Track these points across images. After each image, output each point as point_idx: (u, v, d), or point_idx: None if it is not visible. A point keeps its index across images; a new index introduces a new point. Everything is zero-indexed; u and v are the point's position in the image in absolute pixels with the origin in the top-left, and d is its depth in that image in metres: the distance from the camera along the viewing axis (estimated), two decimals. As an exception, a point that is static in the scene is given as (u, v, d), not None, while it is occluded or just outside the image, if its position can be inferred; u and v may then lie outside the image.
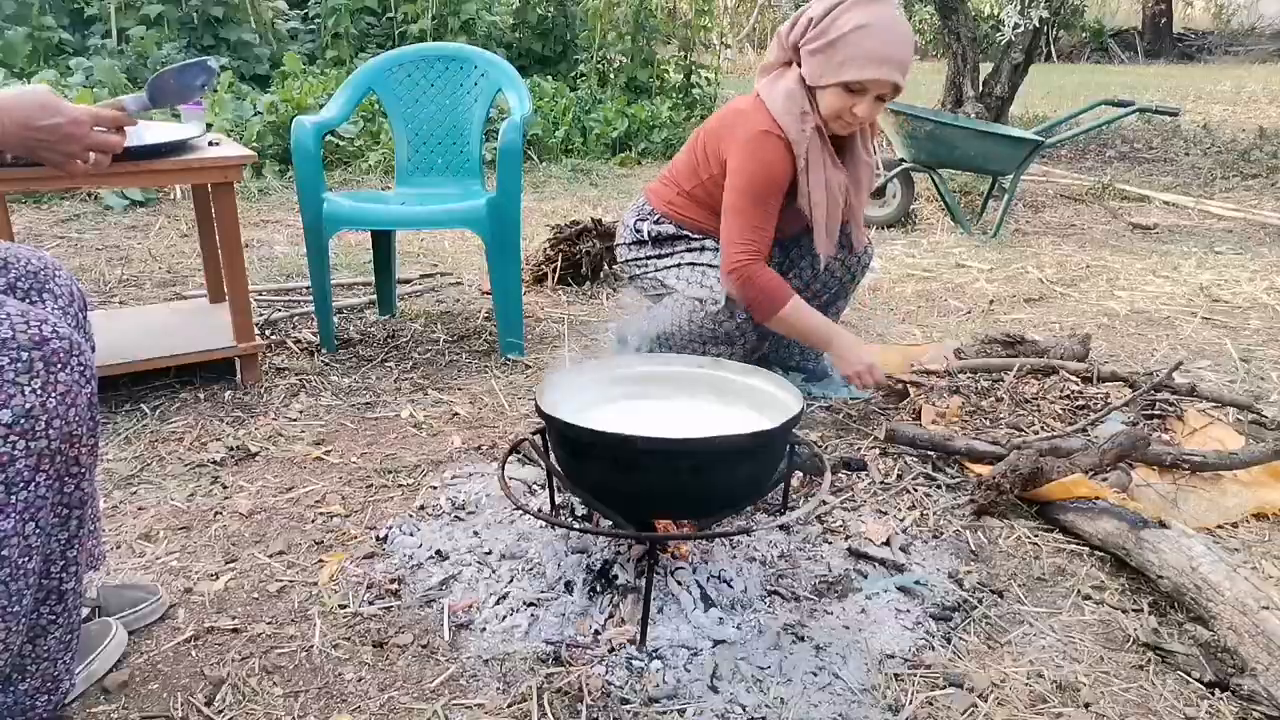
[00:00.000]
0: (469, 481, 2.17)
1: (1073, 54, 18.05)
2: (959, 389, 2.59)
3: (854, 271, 2.54)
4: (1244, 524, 2.06)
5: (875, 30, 2.03)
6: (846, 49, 2.05)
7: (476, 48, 3.38)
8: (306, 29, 8.65)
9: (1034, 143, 4.63)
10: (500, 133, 2.81)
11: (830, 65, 2.09)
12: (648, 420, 1.80)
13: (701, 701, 1.48)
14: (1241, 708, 1.49)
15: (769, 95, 2.21)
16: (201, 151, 2.45)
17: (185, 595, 1.75)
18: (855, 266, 2.54)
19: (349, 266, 3.95)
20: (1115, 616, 1.73)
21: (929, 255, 4.42)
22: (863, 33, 2.03)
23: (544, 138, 6.78)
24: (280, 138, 5.87)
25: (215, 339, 2.68)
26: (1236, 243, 4.77)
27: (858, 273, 2.55)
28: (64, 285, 1.47)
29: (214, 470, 2.22)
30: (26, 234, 4.37)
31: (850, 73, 2.06)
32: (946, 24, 7.38)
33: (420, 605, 1.72)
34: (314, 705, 1.48)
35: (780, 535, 1.94)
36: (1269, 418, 2.53)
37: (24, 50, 6.78)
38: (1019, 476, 2.03)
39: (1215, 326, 3.41)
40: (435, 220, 2.93)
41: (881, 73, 2.05)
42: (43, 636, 1.35)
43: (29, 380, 1.20)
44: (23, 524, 1.23)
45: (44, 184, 2.25)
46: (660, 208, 2.45)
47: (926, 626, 1.68)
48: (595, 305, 3.55)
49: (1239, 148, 7.53)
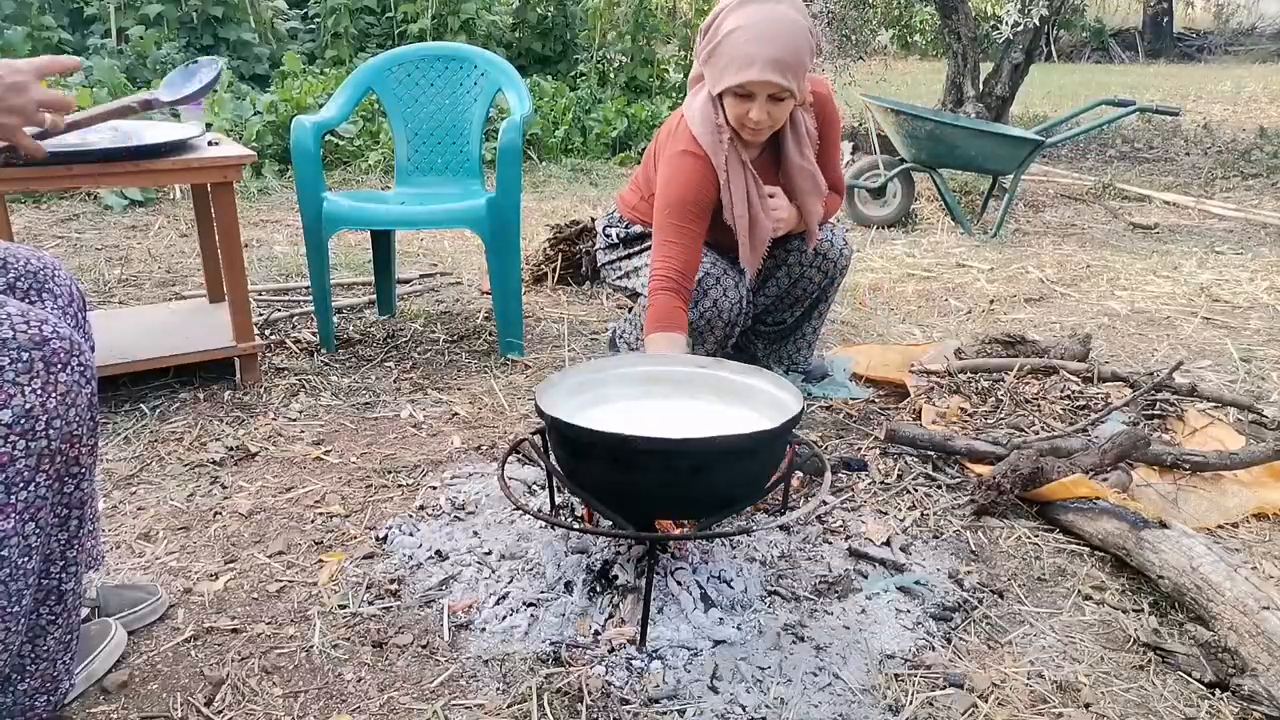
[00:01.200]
0: (469, 481, 2.16)
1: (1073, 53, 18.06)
2: (959, 389, 2.59)
3: (831, 275, 2.51)
4: (1244, 524, 2.06)
5: (747, 30, 1.98)
6: (725, 54, 2.02)
7: (476, 47, 3.39)
8: (306, 28, 8.65)
9: (1034, 142, 4.63)
10: (500, 132, 2.81)
11: (716, 72, 2.07)
12: (648, 420, 1.80)
13: (701, 702, 1.47)
14: (1242, 708, 1.49)
15: (688, 111, 2.21)
16: (201, 151, 2.45)
17: (185, 595, 1.75)
18: (832, 270, 2.50)
19: (349, 266, 3.95)
20: (1116, 617, 1.73)
21: (929, 255, 4.42)
22: (736, 34, 1.99)
23: (544, 137, 6.78)
24: (280, 137, 5.87)
25: (215, 339, 2.68)
26: (1237, 242, 4.77)
27: (835, 276, 2.52)
28: (64, 285, 1.47)
29: (213, 470, 2.22)
30: (26, 234, 4.37)
31: (729, 78, 2.02)
32: (946, 24, 7.38)
33: (420, 605, 1.72)
34: (314, 705, 1.48)
35: (780, 535, 1.94)
36: (1269, 418, 2.53)
37: (24, 50, 6.78)
38: (1019, 476, 2.03)
39: (1215, 326, 3.41)
40: (435, 220, 2.93)
41: (753, 73, 1.98)
42: (42, 637, 1.35)
43: (29, 380, 1.20)
44: (22, 524, 1.23)
45: (43, 184, 2.25)
46: (627, 214, 2.51)
47: (927, 627, 1.68)
48: (595, 305, 3.55)
49: (1239, 147, 7.53)
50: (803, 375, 2.72)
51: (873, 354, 2.93)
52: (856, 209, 5.05)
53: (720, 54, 2.04)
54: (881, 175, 4.92)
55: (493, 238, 2.81)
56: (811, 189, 2.30)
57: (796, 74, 2.01)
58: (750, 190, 2.21)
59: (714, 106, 2.15)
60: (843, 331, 3.29)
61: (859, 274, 4.02)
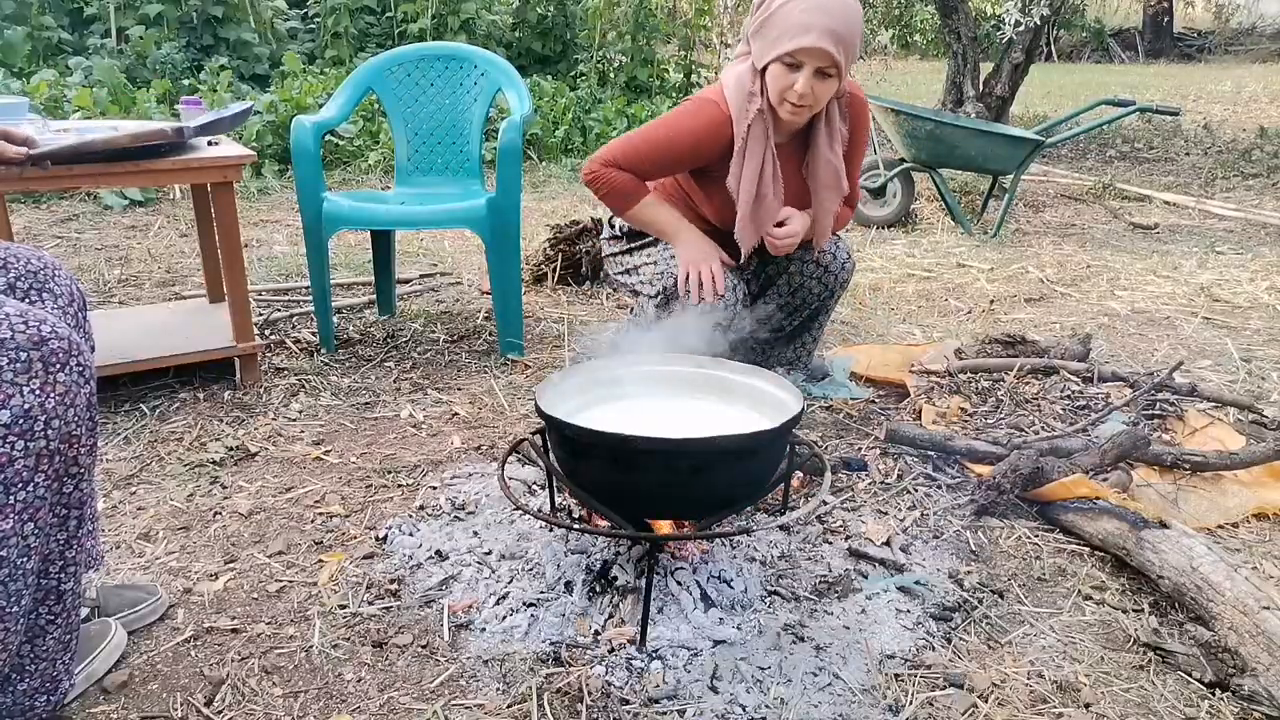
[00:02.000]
0: (469, 481, 2.16)
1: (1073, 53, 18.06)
2: (959, 389, 2.59)
3: (831, 287, 2.47)
4: (1244, 524, 2.05)
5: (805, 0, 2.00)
6: (778, 24, 2.03)
7: (476, 47, 3.38)
8: (306, 28, 8.65)
9: (1034, 142, 4.63)
10: (500, 132, 2.81)
11: (767, 43, 2.07)
12: (648, 420, 1.79)
13: (701, 702, 1.47)
14: (1242, 708, 1.49)
15: (724, 75, 2.22)
16: (201, 151, 2.45)
17: (184, 595, 1.75)
18: (832, 283, 2.46)
19: (349, 266, 3.95)
20: (1116, 617, 1.73)
21: (929, 255, 4.42)
22: (792, 4, 2.01)
23: (544, 137, 6.78)
24: (280, 137, 5.87)
25: (214, 339, 2.68)
26: (1237, 242, 4.77)
27: (835, 289, 2.48)
28: (64, 285, 1.47)
29: (213, 470, 2.22)
30: (25, 234, 4.37)
31: (782, 45, 2.02)
32: (947, 24, 7.38)
33: (420, 605, 1.72)
34: (313, 705, 1.48)
35: (780, 535, 1.94)
36: (1269, 418, 2.53)
37: (23, 50, 6.78)
38: (1019, 476, 2.03)
39: (1216, 326, 3.41)
40: (435, 220, 2.93)
41: (809, 40, 1.98)
42: (41, 637, 1.35)
43: (28, 380, 1.20)
44: (21, 524, 1.23)
45: (43, 184, 2.25)
46: None
47: (927, 627, 1.68)
48: (595, 305, 3.55)
49: (1239, 147, 7.53)
50: (803, 375, 2.72)
51: (873, 354, 2.93)
52: (857, 209, 5.05)
53: (773, 23, 2.03)
54: (881, 175, 4.92)
55: (493, 238, 2.81)
56: (833, 185, 2.26)
57: (848, 50, 2.02)
58: (766, 167, 2.17)
59: (753, 77, 2.13)
60: (843, 331, 3.29)
61: (859, 274, 4.02)
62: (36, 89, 5.78)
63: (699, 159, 2.21)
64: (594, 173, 2.21)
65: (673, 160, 2.22)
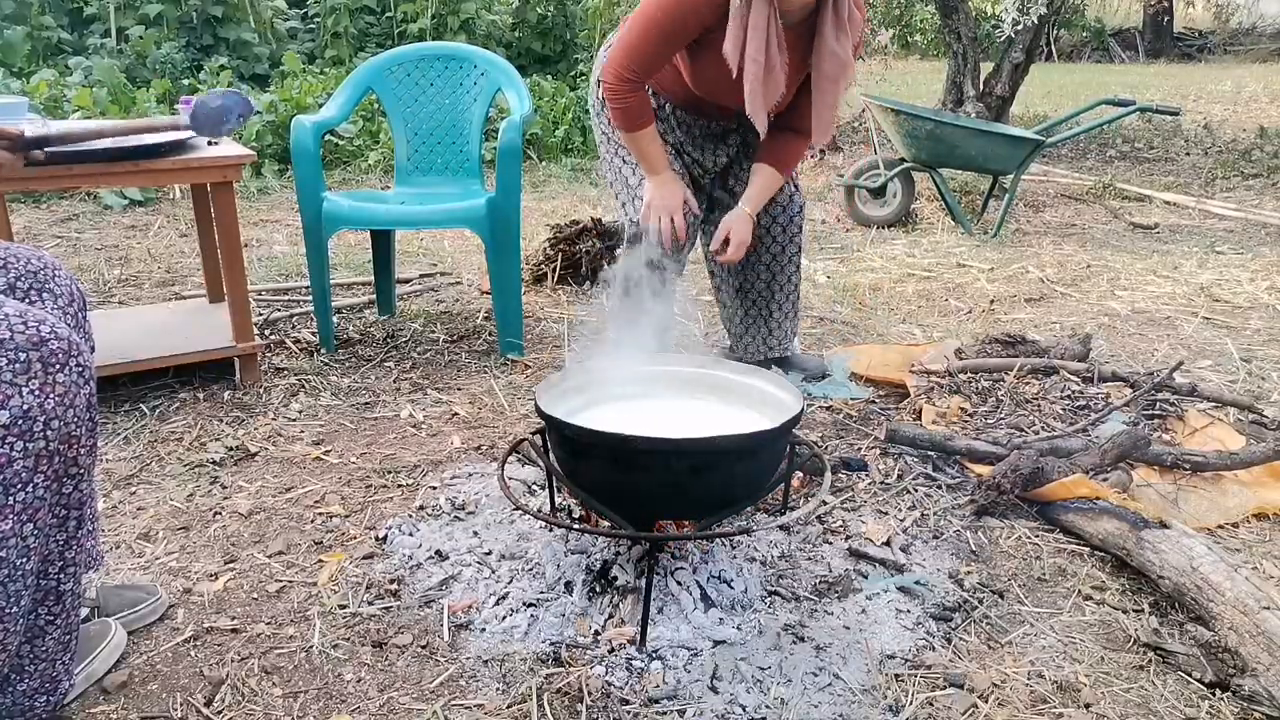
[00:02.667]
0: (468, 481, 2.16)
1: (1073, 53, 18.06)
2: (959, 389, 2.59)
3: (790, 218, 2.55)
4: (1244, 524, 2.05)
5: None
6: None
7: (476, 47, 3.38)
8: (306, 28, 8.65)
9: (1035, 142, 4.62)
10: (500, 132, 2.81)
11: None
12: (648, 420, 1.79)
13: (701, 702, 1.47)
14: (1242, 708, 1.49)
15: None
16: (201, 151, 2.45)
17: (184, 595, 1.75)
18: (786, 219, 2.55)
19: (348, 266, 3.95)
20: (1116, 617, 1.73)
21: (929, 255, 4.42)
22: None
23: (544, 137, 6.78)
24: (280, 137, 5.86)
25: (214, 339, 2.68)
26: (1237, 242, 4.77)
27: (794, 215, 2.55)
28: (64, 285, 1.47)
29: (213, 470, 2.22)
30: (25, 233, 4.37)
31: None
32: (947, 23, 7.38)
33: (420, 605, 1.72)
34: (313, 706, 1.48)
35: (780, 535, 1.94)
36: (1269, 418, 2.52)
37: (23, 50, 6.79)
38: (1019, 476, 2.03)
39: (1216, 326, 3.41)
40: (435, 220, 2.93)
41: None
42: (41, 637, 1.35)
43: (27, 381, 1.20)
44: (21, 525, 1.23)
45: (43, 184, 2.25)
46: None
47: (927, 627, 1.68)
48: (595, 305, 3.55)
49: (1239, 147, 7.53)
50: (803, 375, 2.72)
51: (873, 354, 2.93)
52: (857, 209, 5.05)
53: None
54: (881, 175, 4.92)
55: (493, 238, 2.81)
56: (837, 76, 2.17)
57: None
58: (771, 39, 2.09)
59: None
60: (843, 331, 3.29)
61: (859, 274, 4.02)
62: (36, 89, 5.78)
63: (701, 27, 2.14)
64: (613, 89, 2.22)
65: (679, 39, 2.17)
